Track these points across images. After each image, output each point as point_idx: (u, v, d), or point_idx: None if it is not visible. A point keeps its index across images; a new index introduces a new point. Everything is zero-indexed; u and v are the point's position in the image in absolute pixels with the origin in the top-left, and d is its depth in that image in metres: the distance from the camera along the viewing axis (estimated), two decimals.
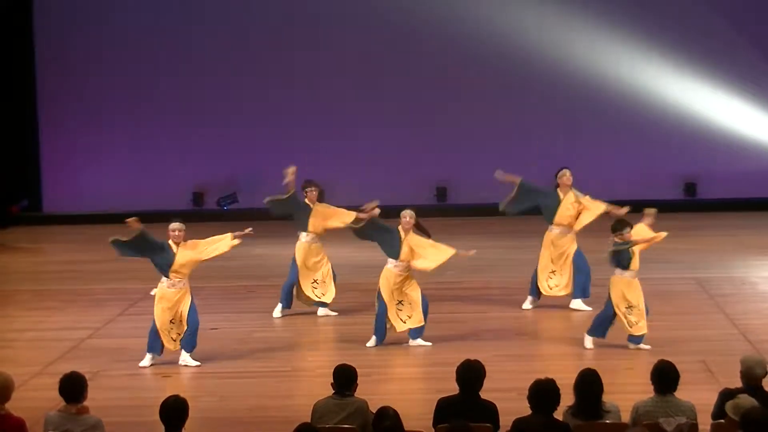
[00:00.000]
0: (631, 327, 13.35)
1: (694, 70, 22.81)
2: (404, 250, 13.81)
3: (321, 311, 15.50)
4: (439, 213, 21.63)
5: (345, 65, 23.13)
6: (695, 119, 22.96)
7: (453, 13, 22.93)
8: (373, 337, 13.96)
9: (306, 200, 15.45)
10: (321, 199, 15.62)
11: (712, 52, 22.77)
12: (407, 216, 13.87)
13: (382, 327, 13.93)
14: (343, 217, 15.32)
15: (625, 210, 14.58)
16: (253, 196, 22.92)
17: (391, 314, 13.88)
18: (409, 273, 13.92)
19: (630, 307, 13.36)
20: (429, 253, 13.84)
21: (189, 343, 13.30)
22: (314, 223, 15.38)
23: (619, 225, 13.39)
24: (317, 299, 15.43)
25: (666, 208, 22.20)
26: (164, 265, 13.22)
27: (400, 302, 13.90)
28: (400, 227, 13.85)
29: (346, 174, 22.51)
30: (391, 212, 14.35)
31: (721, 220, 21.58)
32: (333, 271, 15.50)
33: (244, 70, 23.13)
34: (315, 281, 15.44)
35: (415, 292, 13.90)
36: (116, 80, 23.20)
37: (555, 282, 15.37)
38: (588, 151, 22.48)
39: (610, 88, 22.92)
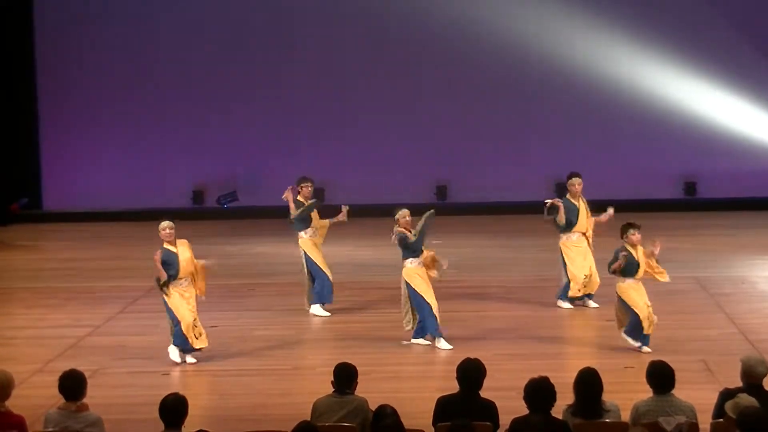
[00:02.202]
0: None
1: (694, 69, 22.78)
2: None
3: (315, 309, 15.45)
4: (439, 211, 21.50)
5: (345, 65, 23.09)
6: (695, 119, 22.93)
7: (453, 13, 22.88)
8: (441, 339, 13.67)
9: (300, 197, 15.42)
10: (318, 197, 15.58)
11: (713, 51, 22.73)
12: (407, 215, 13.83)
13: (436, 325, 13.67)
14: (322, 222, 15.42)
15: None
16: (253, 194, 22.96)
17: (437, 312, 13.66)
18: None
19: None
20: None
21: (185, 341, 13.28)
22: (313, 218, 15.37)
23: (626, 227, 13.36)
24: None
25: (666, 207, 22.49)
26: (174, 272, 13.21)
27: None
28: (399, 227, 13.78)
29: (346, 173, 22.52)
30: (392, 211, 14.27)
31: (721, 220, 21.56)
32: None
33: (244, 70, 23.09)
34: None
35: None
36: (116, 79, 23.16)
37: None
38: (588, 150, 22.47)
39: (611, 88, 22.90)
